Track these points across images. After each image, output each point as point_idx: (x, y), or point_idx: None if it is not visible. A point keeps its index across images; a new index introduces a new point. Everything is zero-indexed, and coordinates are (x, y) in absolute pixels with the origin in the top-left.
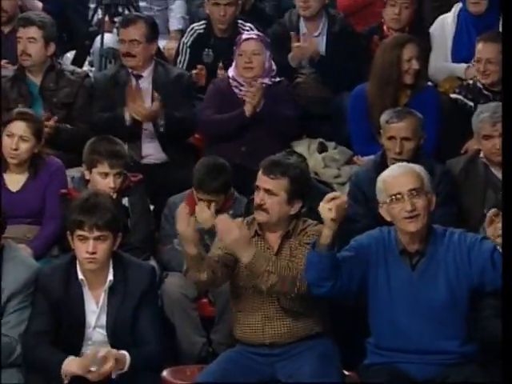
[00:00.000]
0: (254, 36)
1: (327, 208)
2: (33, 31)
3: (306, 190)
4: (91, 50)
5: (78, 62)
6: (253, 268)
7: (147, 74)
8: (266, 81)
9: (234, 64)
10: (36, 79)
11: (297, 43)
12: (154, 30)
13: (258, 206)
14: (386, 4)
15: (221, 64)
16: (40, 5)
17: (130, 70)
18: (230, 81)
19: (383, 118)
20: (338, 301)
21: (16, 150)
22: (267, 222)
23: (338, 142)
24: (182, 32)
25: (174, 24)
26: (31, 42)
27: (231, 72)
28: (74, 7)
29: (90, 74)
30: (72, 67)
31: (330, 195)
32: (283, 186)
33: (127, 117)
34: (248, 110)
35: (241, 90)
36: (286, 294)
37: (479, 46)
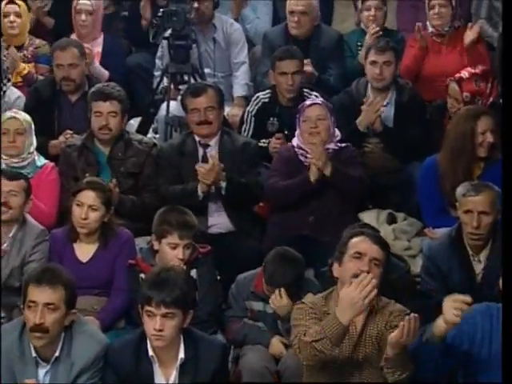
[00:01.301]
0: (318, 101)
1: (453, 311)
2: (114, 105)
3: None
4: (156, 118)
5: (142, 129)
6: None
7: (214, 142)
8: (332, 146)
9: (297, 132)
10: (104, 148)
11: (364, 106)
12: (222, 97)
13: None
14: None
15: (281, 134)
16: (107, 73)
17: (197, 139)
18: (296, 149)
19: (460, 190)
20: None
21: (85, 219)
22: None
23: (407, 212)
24: (245, 99)
25: (238, 91)
26: (113, 117)
27: (295, 141)
28: (137, 74)
29: (157, 142)
30: (140, 136)
31: (458, 298)
32: (384, 256)
33: (200, 192)
34: (313, 174)
35: (307, 158)
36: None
37: None
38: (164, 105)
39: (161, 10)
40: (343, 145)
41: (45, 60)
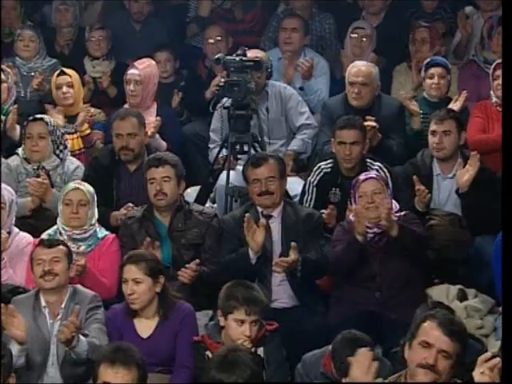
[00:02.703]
0: (373, 175)
1: (479, 372)
2: (167, 170)
3: None
4: (214, 187)
5: (201, 199)
6: None
7: (277, 213)
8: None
9: (353, 208)
10: (164, 219)
11: (418, 186)
12: (283, 167)
13: (429, 366)
14: None
15: (332, 206)
16: (165, 144)
17: (259, 210)
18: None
19: None
20: None
21: (131, 294)
22: None
23: (476, 288)
24: (296, 153)
25: (291, 144)
26: (166, 181)
27: (352, 217)
28: (194, 143)
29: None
30: (201, 207)
31: (482, 357)
32: (457, 348)
33: (252, 254)
34: (359, 234)
35: (367, 233)
36: None
37: None
38: (223, 174)
39: (222, 80)
40: (402, 213)
41: (99, 126)
